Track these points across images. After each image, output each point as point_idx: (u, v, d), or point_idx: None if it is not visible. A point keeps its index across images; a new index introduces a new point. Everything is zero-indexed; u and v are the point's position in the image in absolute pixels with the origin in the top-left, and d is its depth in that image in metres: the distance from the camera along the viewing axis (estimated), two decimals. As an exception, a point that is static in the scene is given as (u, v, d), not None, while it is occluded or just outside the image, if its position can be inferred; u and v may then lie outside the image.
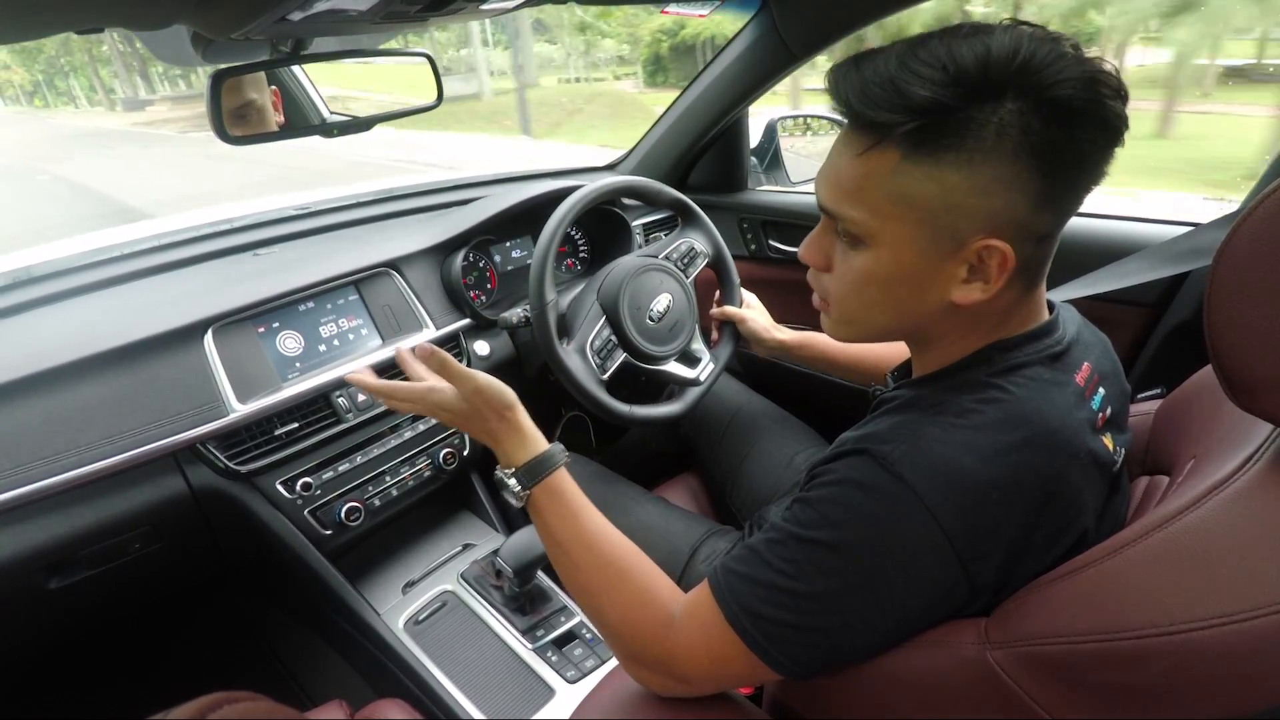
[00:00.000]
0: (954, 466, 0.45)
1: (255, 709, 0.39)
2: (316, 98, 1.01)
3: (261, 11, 0.61)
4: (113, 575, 0.84)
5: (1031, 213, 0.44)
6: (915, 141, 0.43)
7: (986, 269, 0.46)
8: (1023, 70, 0.41)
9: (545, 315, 0.95)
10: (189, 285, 1.01)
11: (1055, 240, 0.49)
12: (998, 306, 0.49)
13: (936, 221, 0.45)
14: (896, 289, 0.49)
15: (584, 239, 1.38)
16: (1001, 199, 0.44)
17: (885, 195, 0.46)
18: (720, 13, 1.24)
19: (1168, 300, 0.99)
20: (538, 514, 0.62)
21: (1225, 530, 0.40)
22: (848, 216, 0.48)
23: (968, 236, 0.45)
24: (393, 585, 1.02)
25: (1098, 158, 0.44)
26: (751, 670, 0.50)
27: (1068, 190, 0.45)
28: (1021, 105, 0.42)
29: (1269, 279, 0.38)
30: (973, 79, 0.41)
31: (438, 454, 1.07)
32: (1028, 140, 0.42)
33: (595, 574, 0.58)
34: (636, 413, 0.98)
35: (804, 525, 0.48)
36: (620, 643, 0.57)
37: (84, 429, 0.79)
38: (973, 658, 0.45)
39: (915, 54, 0.42)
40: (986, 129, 0.42)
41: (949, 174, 0.44)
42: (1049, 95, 0.41)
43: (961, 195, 0.44)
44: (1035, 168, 0.43)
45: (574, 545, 0.60)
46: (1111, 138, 0.44)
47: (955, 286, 0.48)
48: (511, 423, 0.64)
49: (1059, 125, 0.42)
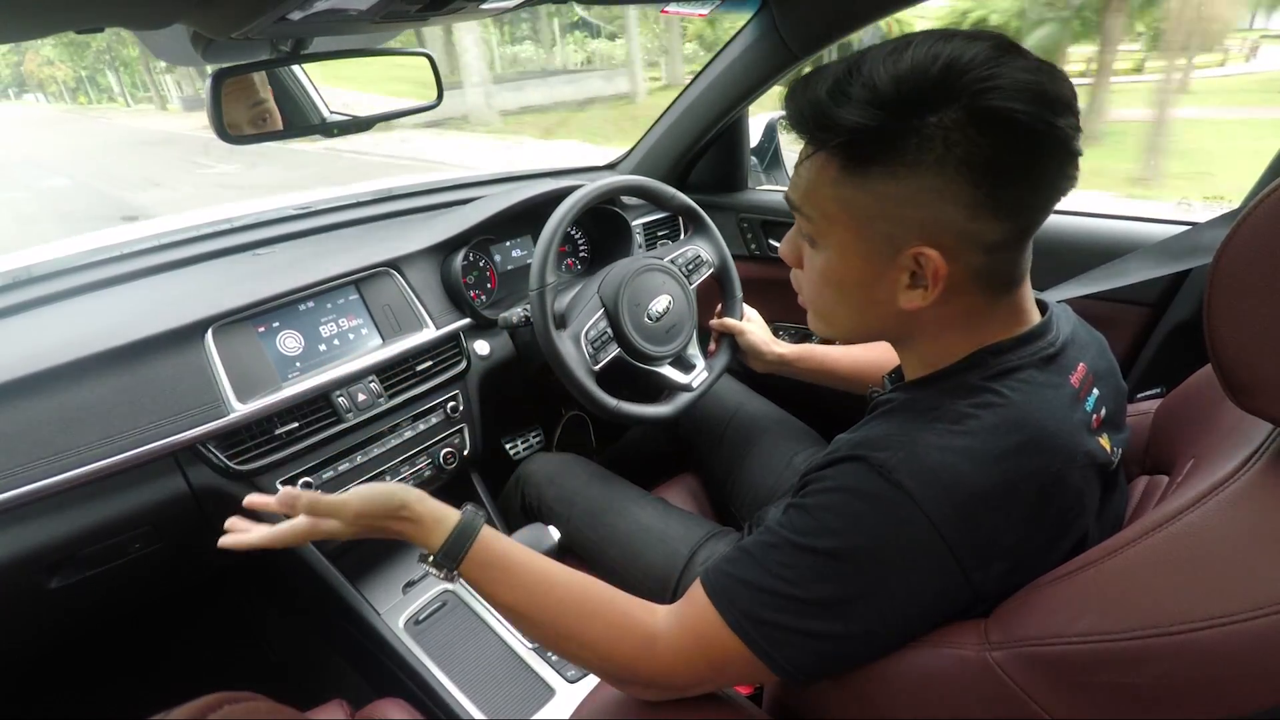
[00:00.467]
0: (952, 474, 0.45)
1: (255, 709, 0.39)
2: (316, 97, 1.01)
3: (261, 11, 0.61)
4: (113, 575, 0.84)
5: (969, 221, 0.44)
6: (846, 155, 0.46)
7: (924, 276, 0.47)
8: (943, 83, 0.42)
9: (544, 297, 0.95)
10: (189, 285, 1.01)
11: (1018, 247, 0.48)
12: (957, 312, 0.49)
13: (873, 228, 0.47)
14: (849, 291, 0.52)
15: (584, 239, 1.38)
16: (930, 209, 0.45)
17: (829, 199, 0.48)
18: (720, 12, 1.24)
19: (1168, 300, 0.99)
20: (475, 586, 0.59)
21: (1225, 530, 0.40)
22: (804, 212, 0.51)
23: (902, 245, 0.47)
24: (393, 585, 1.02)
25: (1042, 167, 0.44)
26: (751, 672, 0.50)
27: (1011, 198, 0.44)
28: (945, 117, 0.42)
29: (1269, 278, 0.38)
30: (891, 98, 0.43)
31: (438, 454, 1.07)
32: (952, 152, 0.42)
33: (555, 622, 0.56)
34: (623, 408, 0.97)
35: (802, 533, 0.48)
36: (610, 673, 0.56)
37: (84, 429, 0.79)
38: (973, 658, 0.45)
39: (849, 75, 0.44)
40: (909, 142, 0.43)
41: (878, 185, 0.45)
42: (977, 105, 0.42)
43: (892, 205, 0.46)
44: (965, 177, 0.43)
45: (523, 604, 0.57)
46: (1054, 147, 0.43)
47: (900, 292, 0.49)
48: (411, 519, 0.60)
49: (989, 135, 0.42)
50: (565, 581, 0.57)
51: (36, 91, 26.86)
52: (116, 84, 24.47)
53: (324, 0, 0.62)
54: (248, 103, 0.89)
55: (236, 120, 0.85)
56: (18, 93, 27.03)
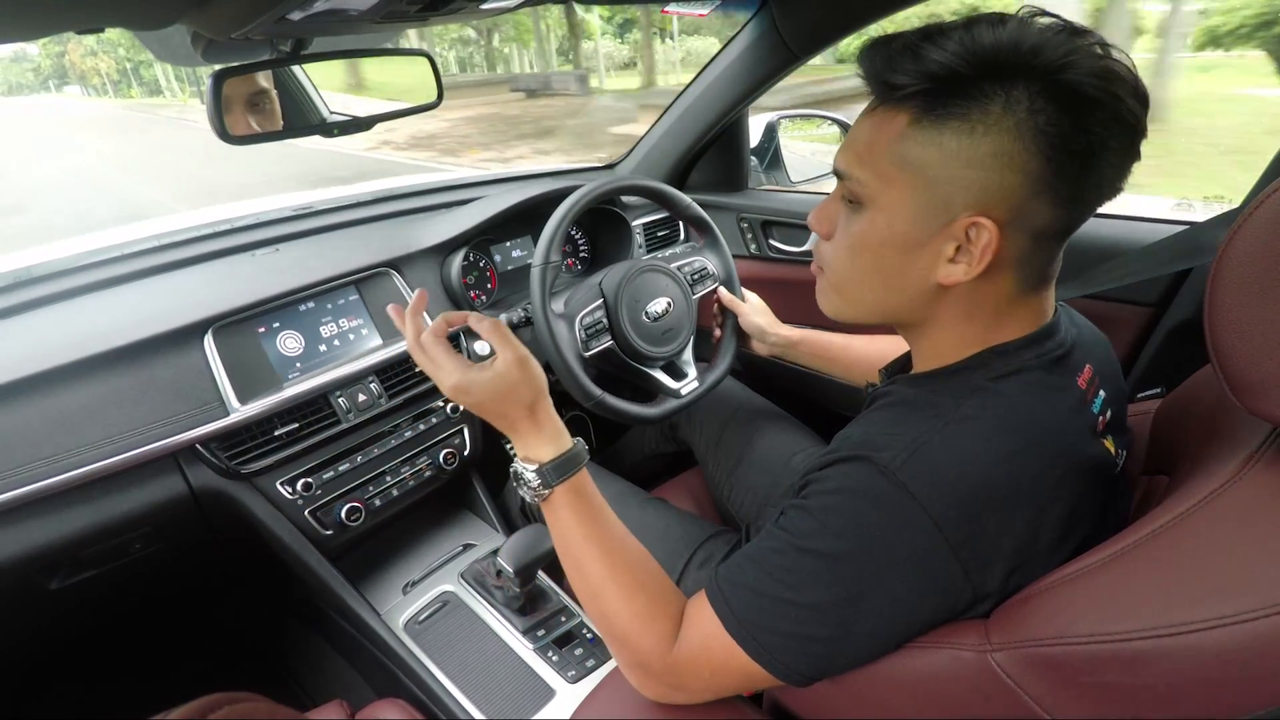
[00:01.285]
0: (956, 474, 0.45)
1: (255, 709, 0.39)
2: (316, 97, 1.01)
3: (262, 11, 0.61)
4: (114, 575, 0.84)
5: (1029, 198, 0.44)
6: (924, 106, 0.45)
7: (972, 249, 0.46)
8: (1035, 54, 0.42)
9: (545, 274, 0.94)
10: (189, 285, 1.01)
11: (1058, 244, 0.48)
12: (988, 299, 0.49)
13: (932, 189, 0.46)
14: (887, 257, 0.50)
15: (584, 239, 1.38)
16: (997, 175, 0.44)
17: (889, 158, 0.47)
18: (720, 12, 1.24)
19: (1168, 299, 0.99)
20: (555, 513, 0.60)
21: (1225, 531, 0.40)
22: (853, 175, 0.50)
23: (958, 210, 0.46)
24: (393, 585, 1.02)
25: (1109, 157, 0.44)
26: (752, 679, 0.50)
27: (1072, 183, 0.44)
28: (1032, 88, 0.42)
29: (1270, 278, 0.38)
30: (987, 54, 0.43)
31: (438, 454, 1.07)
32: (1033, 120, 0.42)
33: (608, 581, 0.57)
34: (606, 400, 0.96)
35: (804, 535, 0.47)
36: (625, 651, 0.56)
37: (84, 429, 0.79)
38: (973, 659, 0.45)
39: (940, 30, 0.44)
40: (993, 102, 0.43)
41: (950, 141, 0.44)
42: (1060, 79, 0.42)
43: (958, 165, 0.45)
44: (1037, 150, 0.43)
45: (589, 549, 0.58)
46: (1125, 137, 0.43)
47: (941, 264, 0.48)
48: (543, 413, 0.61)
49: (1068, 112, 0.42)
50: (632, 548, 0.59)
51: (79, 83, 25.77)
52: (163, 77, 23.66)
53: (324, 0, 0.62)
54: (251, 88, 0.88)
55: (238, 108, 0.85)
56: (59, 84, 25.99)
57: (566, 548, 0.60)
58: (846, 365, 0.98)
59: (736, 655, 0.48)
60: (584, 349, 0.98)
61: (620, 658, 0.58)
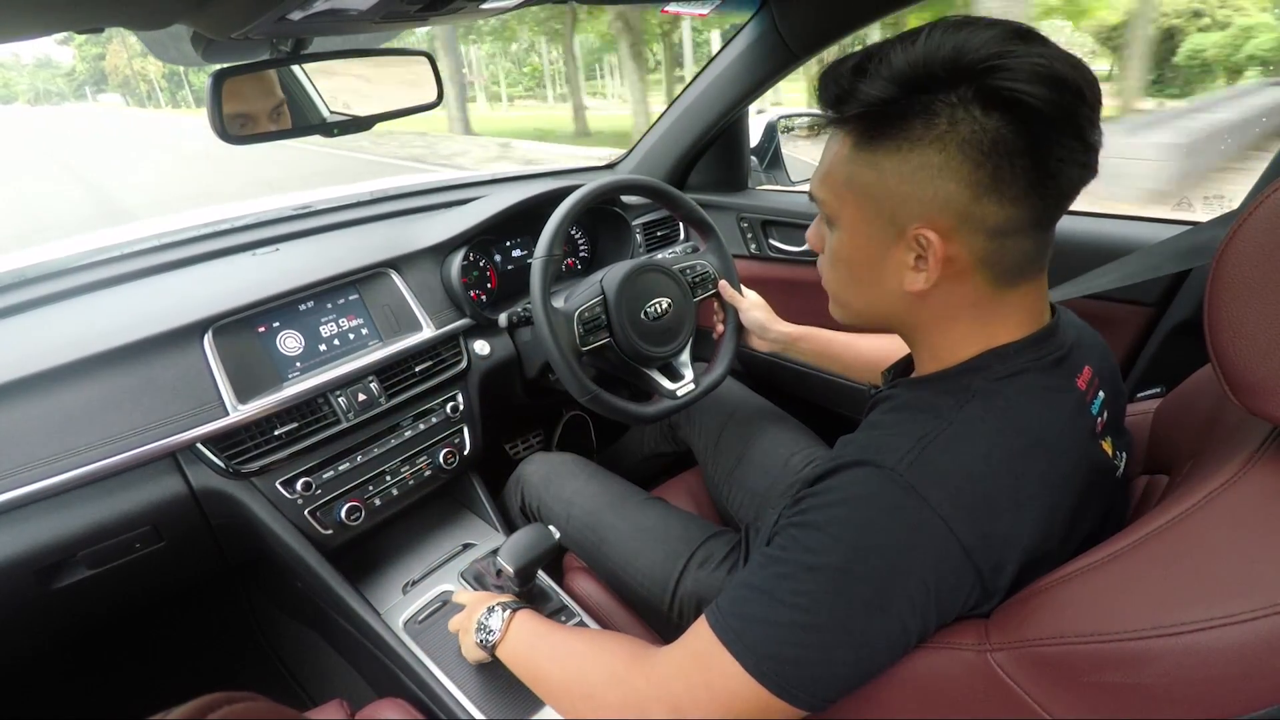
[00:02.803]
0: (963, 475, 0.44)
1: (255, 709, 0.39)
2: (316, 96, 1.01)
3: (262, 11, 0.61)
4: (113, 575, 0.84)
5: (971, 202, 0.45)
6: (861, 130, 0.48)
7: (928, 256, 0.47)
8: (953, 63, 0.43)
9: (547, 267, 0.94)
10: (189, 285, 1.01)
11: (1031, 236, 0.47)
12: (964, 299, 0.49)
13: (878, 206, 0.49)
14: (859, 271, 0.53)
15: (584, 238, 1.38)
16: (931, 186, 0.45)
17: (841, 179, 0.50)
18: (720, 12, 1.24)
19: (1168, 299, 0.99)
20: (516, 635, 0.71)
21: (1226, 531, 0.40)
22: (818, 197, 0.53)
23: (905, 223, 0.48)
24: (393, 585, 1.02)
25: (1051, 152, 0.43)
26: (769, 711, 0.47)
27: (1014, 182, 0.44)
28: (953, 96, 0.43)
29: (1269, 278, 0.38)
30: (904, 75, 0.44)
31: (438, 454, 1.07)
32: (956, 130, 0.43)
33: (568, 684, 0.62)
34: (601, 396, 0.96)
35: (814, 551, 0.46)
36: (624, 698, 0.55)
37: (84, 429, 0.79)
38: (973, 659, 0.45)
39: (871, 55, 0.46)
40: (916, 119, 0.44)
41: (884, 161, 0.47)
42: (984, 85, 0.42)
43: (895, 182, 0.47)
44: (965, 156, 0.44)
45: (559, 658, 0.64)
46: (1064, 133, 0.43)
47: (905, 273, 0.49)
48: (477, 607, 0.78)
49: (994, 115, 0.42)
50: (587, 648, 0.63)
51: (121, 90, 22.88)
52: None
53: (324, 0, 0.62)
54: (272, 104, 0.89)
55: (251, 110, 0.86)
56: (95, 91, 23.80)
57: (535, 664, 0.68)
58: (848, 363, 0.98)
59: (755, 693, 0.46)
60: (581, 344, 0.98)
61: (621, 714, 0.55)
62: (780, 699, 0.46)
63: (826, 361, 1.00)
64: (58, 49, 45.94)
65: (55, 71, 48.83)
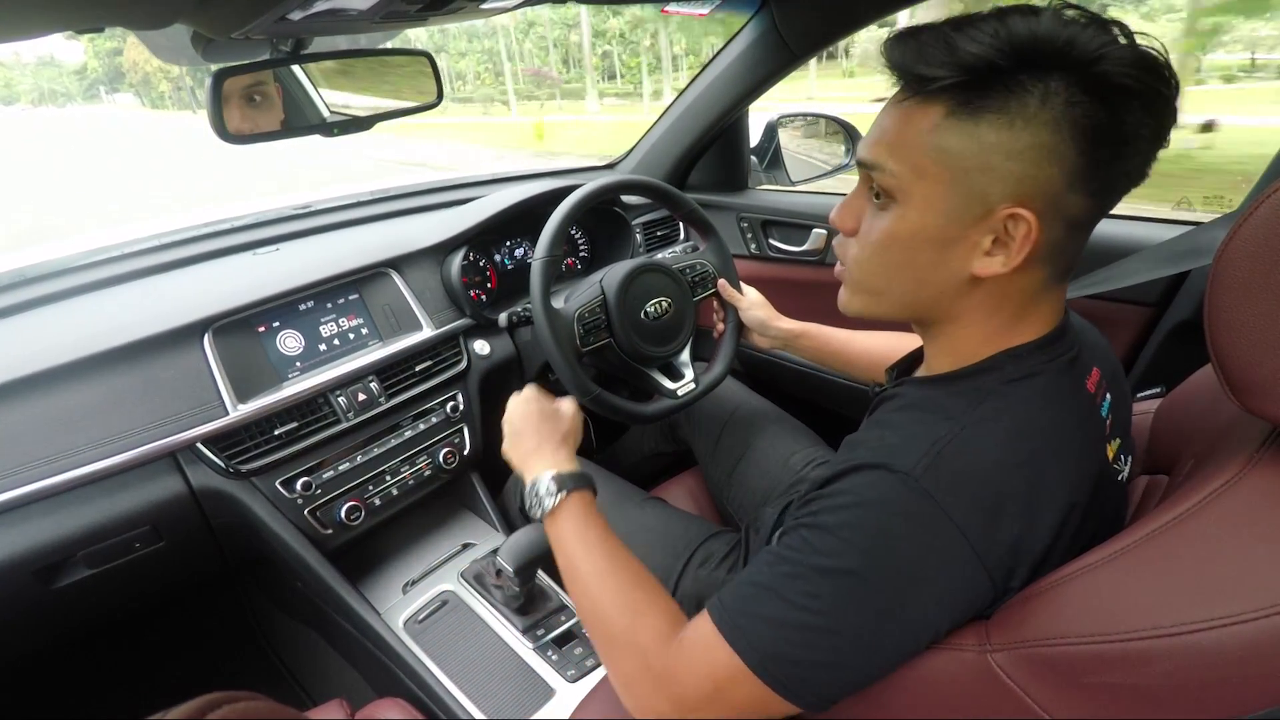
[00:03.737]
0: (978, 479, 0.44)
1: (255, 709, 0.39)
2: (316, 96, 1.01)
3: (262, 11, 0.61)
4: (113, 575, 0.84)
5: (1066, 190, 0.44)
6: (960, 99, 0.44)
7: (1011, 240, 0.45)
8: (1070, 45, 0.41)
9: (546, 266, 0.94)
10: (188, 285, 1.01)
11: (1085, 235, 0.48)
12: (1018, 292, 0.48)
13: (969, 181, 0.45)
14: (920, 251, 0.49)
15: (584, 238, 1.38)
16: (1036, 167, 0.43)
17: (924, 150, 0.46)
18: (720, 12, 1.24)
19: (1168, 299, 0.99)
20: (561, 522, 0.66)
21: (1226, 531, 0.40)
22: (885, 167, 0.48)
23: (997, 202, 0.45)
24: (393, 585, 1.02)
25: (1141, 145, 0.43)
26: (770, 708, 0.47)
27: (1106, 174, 0.44)
28: (1069, 79, 0.42)
29: (1269, 279, 0.38)
30: (1024, 46, 0.42)
31: (438, 453, 1.07)
32: (1071, 112, 0.42)
33: (605, 581, 0.60)
34: (602, 396, 0.96)
35: (826, 554, 0.45)
36: (622, 655, 0.55)
37: (84, 429, 0.79)
38: (974, 659, 0.45)
39: (970, 21, 0.43)
40: (1031, 94, 0.42)
41: (988, 133, 0.44)
42: (1096, 70, 0.41)
43: (998, 157, 0.44)
44: (1075, 142, 0.42)
45: (589, 554, 0.63)
46: (1158, 124, 0.43)
47: (977, 257, 0.47)
48: (569, 444, 0.77)
49: (1104, 103, 0.42)
50: (629, 559, 0.62)
51: (139, 90, 19.54)
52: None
53: (324, 0, 0.62)
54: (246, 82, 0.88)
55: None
56: (110, 90, 20.97)
57: (569, 555, 0.64)
58: (849, 360, 0.98)
59: (756, 689, 0.46)
60: (582, 344, 0.98)
61: (618, 668, 0.56)
62: (781, 696, 0.46)
63: (827, 358, 1.00)
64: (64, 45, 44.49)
65: (60, 70, 46.38)
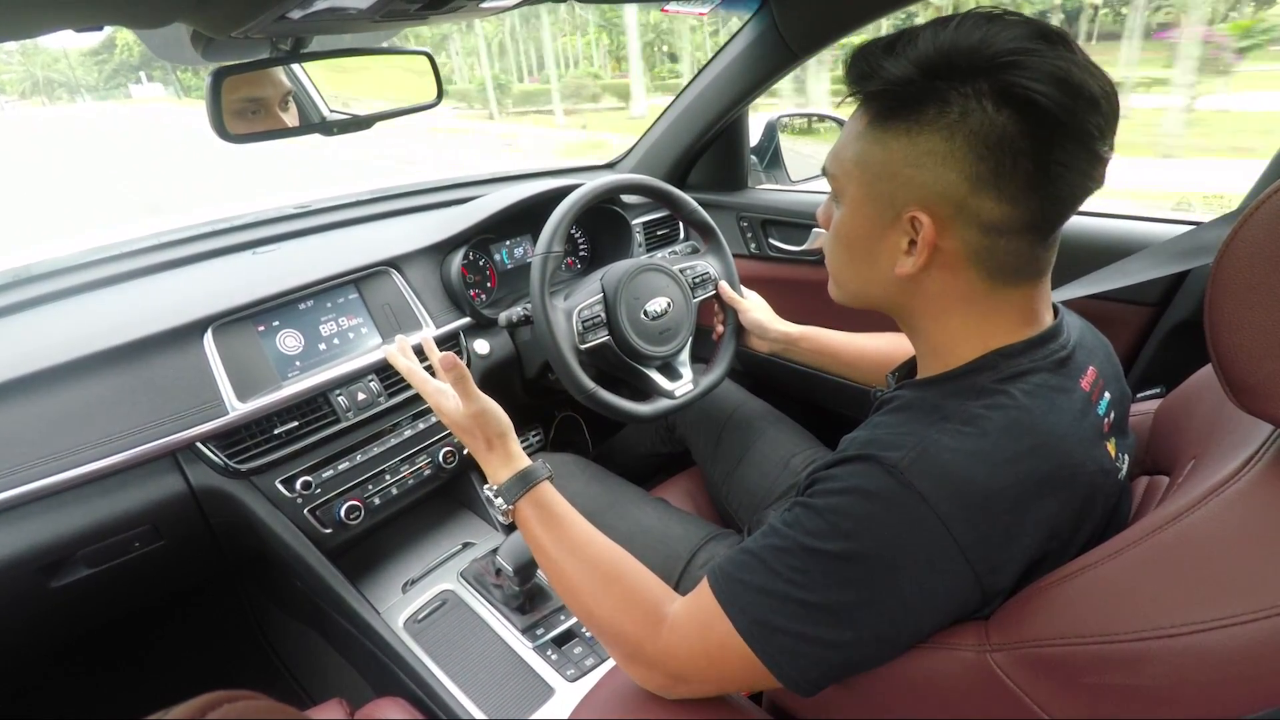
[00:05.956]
0: (963, 476, 0.44)
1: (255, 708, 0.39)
2: (316, 96, 1.01)
3: (261, 10, 0.61)
4: (113, 574, 0.84)
5: (969, 194, 0.45)
6: (879, 108, 0.48)
7: (918, 242, 0.48)
8: (974, 55, 0.43)
9: (547, 263, 0.95)
10: (189, 284, 1.01)
11: (1028, 238, 0.47)
12: (954, 292, 0.50)
13: (879, 186, 0.49)
14: (856, 249, 0.54)
15: (584, 239, 1.38)
16: (933, 173, 0.46)
17: (850, 156, 0.51)
18: (720, 12, 1.24)
19: (1168, 299, 0.99)
20: (524, 525, 0.66)
21: (1226, 532, 0.40)
22: (829, 172, 0.54)
23: (902, 206, 0.48)
24: (393, 584, 1.02)
25: (1057, 157, 0.43)
26: (756, 678, 0.49)
27: (1014, 181, 0.44)
28: (970, 88, 0.44)
29: (1270, 279, 0.38)
30: (931, 59, 0.45)
31: (437, 453, 1.07)
32: (966, 121, 0.44)
33: (583, 579, 0.60)
34: (598, 394, 0.96)
35: (813, 535, 0.47)
36: (615, 643, 0.57)
37: (84, 428, 0.79)
38: (973, 660, 0.45)
39: (902, 36, 0.47)
40: (931, 104, 0.45)
41: (893, 141, 0.48)
42: (999, 80, 0.43)
43: (899, 163, 0.48)
44: (972, 148, 0.44)
45: (559, 552, 0.62)
46: (1074, 141, 0.43)
47: (898, 256, 0.50)
48: (500, 449, 0.69)
49: (1008, 114, 0.43)
50: (601, 545, 0.62)
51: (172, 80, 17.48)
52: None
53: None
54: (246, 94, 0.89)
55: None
56: (132, 79, 18.87)
57: (543, 557, 0.64)
58: (848, 363, 0.98)
59: (743, 653, 0.48)
60: (580, 341, 0.98)
61: (615, 653, 0.58)
62: (768, 669, 0.48)
63: (826, 361, 1.00)
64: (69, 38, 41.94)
65: (98, 60, 39.15)
